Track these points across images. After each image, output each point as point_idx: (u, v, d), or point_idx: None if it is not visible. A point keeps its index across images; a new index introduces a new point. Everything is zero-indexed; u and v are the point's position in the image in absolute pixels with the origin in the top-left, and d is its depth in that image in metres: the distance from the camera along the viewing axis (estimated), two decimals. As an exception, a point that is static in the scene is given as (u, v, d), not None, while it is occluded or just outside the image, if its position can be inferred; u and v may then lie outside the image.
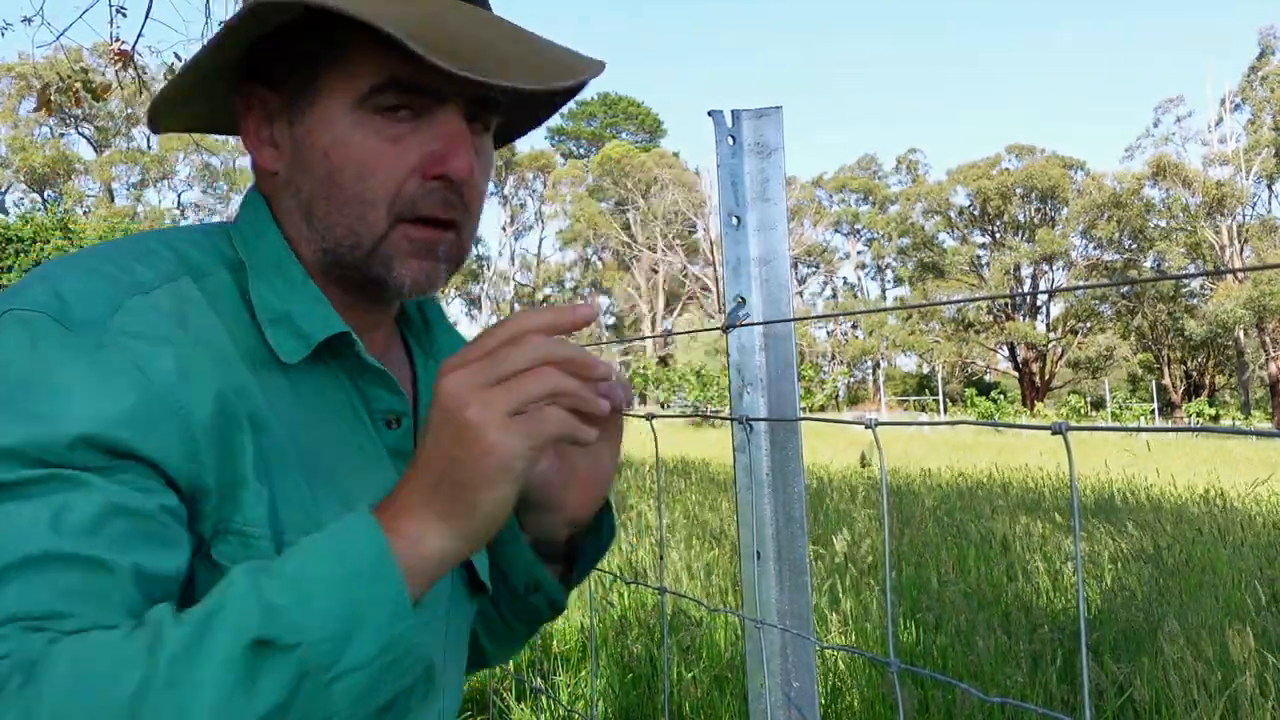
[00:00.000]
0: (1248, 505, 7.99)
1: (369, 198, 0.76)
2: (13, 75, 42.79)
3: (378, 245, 0.77)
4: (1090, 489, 9.39)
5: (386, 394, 0.81)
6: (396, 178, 0.76)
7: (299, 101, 0.77)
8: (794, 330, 1.34)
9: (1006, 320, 47.76)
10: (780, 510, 1.32)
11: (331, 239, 0.78)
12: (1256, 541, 5.92)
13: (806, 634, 1.31)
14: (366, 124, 0.75)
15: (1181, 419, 39.44)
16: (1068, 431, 0.89)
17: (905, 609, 4.31)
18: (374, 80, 0.74)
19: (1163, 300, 43.25)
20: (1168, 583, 4.74)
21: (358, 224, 0.77)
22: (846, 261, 58.36)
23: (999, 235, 49.52)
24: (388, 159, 0.75)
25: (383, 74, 0.74)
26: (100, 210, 43.18)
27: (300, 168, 0.78)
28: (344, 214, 0.77)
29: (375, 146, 0.75)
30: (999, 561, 5.43)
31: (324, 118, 0.76)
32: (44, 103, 6.01)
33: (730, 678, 3.49)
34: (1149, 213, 43.79)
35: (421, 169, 0.76)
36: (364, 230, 0.77)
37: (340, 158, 0.76)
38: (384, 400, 0.81)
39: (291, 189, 0.79)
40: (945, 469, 11.34)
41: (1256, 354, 41.03)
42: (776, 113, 1.33)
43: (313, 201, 0.78)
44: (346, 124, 0.75)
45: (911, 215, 51.72)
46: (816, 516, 7.01)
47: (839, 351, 55.57)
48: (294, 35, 0.77)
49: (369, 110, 0.75)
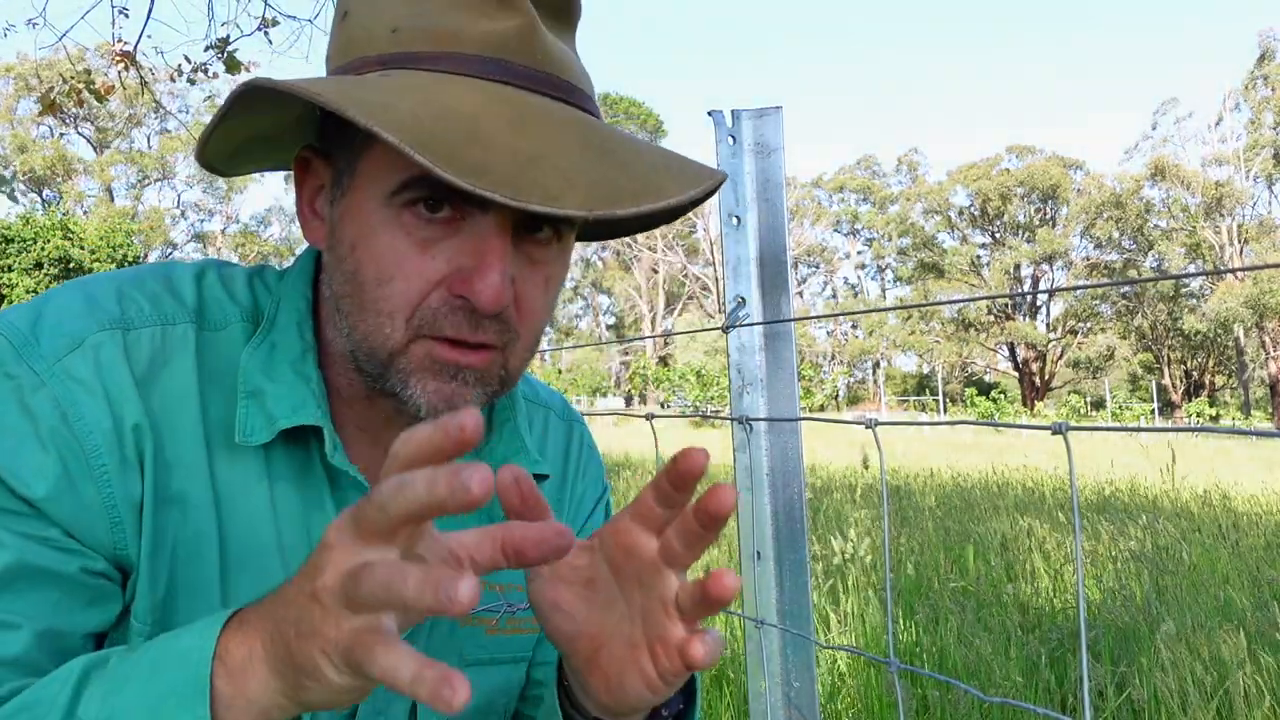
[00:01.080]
0: (1247, 505, 7.99)
1: (386, 307, 0.66)
2: (12, 76, 42.78)
3: (394, 359, 0.67)
4: (1089, 488, 9.39)
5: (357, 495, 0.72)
6: (419, 289, 0.65)
7: (341, 182, 0.69)
8: (794, 330, 1.34)
9: (1006, 320, 47.77)
10: (780, 510, 1.32)
11: (354, 338, 0.69)
12: (1255, 542, 5.92)
13: (806, 634, 1.31)
14: (395, 222, 0.65)
15: (1181, 419, 39.44)
16: (1068, 431, 0.89)
17: (905, 609, 4.31)
18: (404, 175, 0.64)
19: (1163, 300, 43.26)
20: (1166, 582, 4.74)
21: (374, 333, 0.67)
22: (846, 261, 58.38)
23: (999, 235, 49.53)
24: (411, 266, 0.65)
25: (414, 169, 0.63)
26: (100, 210, 43.20)
27: (333, 255, 0.70)
28: (363, 317, 0.67)
29: (400, 250, 0.65)
30: (998, 561, 5.44)
31: (356, 207, 0.67)
32: (47, 104, 6.02)
33: (730, 678, 3.49)
34: (1149, 213, 43.80)
35: (448, 283, 0.65)
36: (379, 340, 0.67)
37: (364, 255, 0.66)
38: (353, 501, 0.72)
39: (329, 274, 0.72)
40: (945, 469, 11.34)
41: (1256, 354, 41.03)
42: (776, 113, 1.33)
43: (340, 295, 0.69)
44: (376, 219, 0.66)
45: (911, 215, 51.72)
46: (816, 516, 7.01)
47: (839, 351, 55.57)
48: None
49: (398, 206, 0.65)
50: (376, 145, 0.66)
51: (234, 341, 0.72)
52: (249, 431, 0.69)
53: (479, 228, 0.65)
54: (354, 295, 0.67)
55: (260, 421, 0.69)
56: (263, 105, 0.68)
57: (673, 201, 0.63)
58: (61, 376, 0.65)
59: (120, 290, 0.71)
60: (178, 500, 0.68)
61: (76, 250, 27.36)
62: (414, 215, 0.65)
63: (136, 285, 0.72)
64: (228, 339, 0.72)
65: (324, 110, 0.68)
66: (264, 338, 0.72)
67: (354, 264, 0.67)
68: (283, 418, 0.69)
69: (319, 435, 0.71)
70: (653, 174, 0.64)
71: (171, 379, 0.69)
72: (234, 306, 0.74)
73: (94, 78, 6.25)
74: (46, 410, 0.64)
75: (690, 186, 0.65)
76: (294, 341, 0.72)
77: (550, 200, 0.57)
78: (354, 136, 0.67)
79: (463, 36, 0.65)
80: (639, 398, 45.76)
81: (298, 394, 0.70)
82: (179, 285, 0.73)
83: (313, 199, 0.73)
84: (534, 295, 0.69)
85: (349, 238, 0.67)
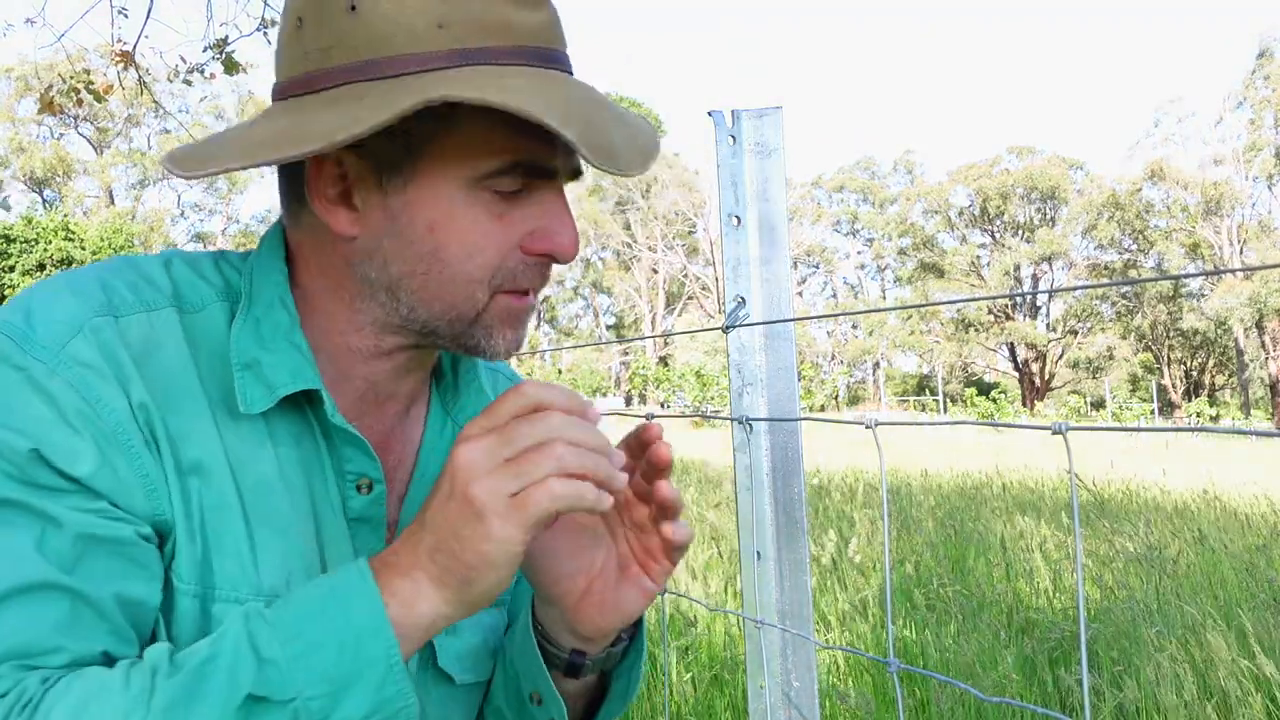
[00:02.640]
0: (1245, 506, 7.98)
1: (476, 275, 0.74)
2: (12, 77, 42.75)
3: (480, 317, 0.76)
4: (1089, 488, 9.38)
5: (359, 456, 0.78)
6: (501, 254, 0.74)
7: (394, 170, 0.73)
8: (794, 330, 1.34)
9: (1006, 320, 47.77)
10: (780, 510, 1.32)
11: (425, 311, 0.75)
12: (1253, 543, 5.92)
13: (806, 634, 1.31)
14: (478, 202, 0.73)
15: (1181, 419, 39.44)
16: (1068, 431, 0.89)
17: (904, 609, 4.31)
18: (498, 163, 0.72)
19: (1163, 300, 43.25)
20: (1165, 583, 4.74)
21: (461, 300, 0.75)
22: (846, 261, 58.39)
23: (999, 235, 49.53)
24: (495, 237, 0.74)
25: (507, 157, 0.72)
26: (101, 211, 43.19)
27: (396, 238, 0.74)
28: (445, 289, 0.74)
29: (485, 225, 0.73)
30: (998, 561, 5.44)
31: (430, 192, 0.72)
32: (46, 104, 6.02)
33: (729, 678, 3.49)
34: (1148, 213, 43.79)
35: (524, 244, 0.75)
36: (465, 304, 0.75)
37: (446, 234, 0.73)
38: (356, 463, 0.78)
39: (375, 257, 0.75)
40: (945, 469, 11.34)
41: (1256, 354, 41.03)
42: (776, 113, 1.33)
43: (405, 275, 0.74)
44: (459, 201, 0.72)
45: (911, 215, 51.72)
46: (816, 516, 7.01)
47: (839, 351, 55.57)
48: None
49: (483, 189, 0.73)
50: (457, 134, 0.71)
51: (215, 320, 0.76)
52: (249, 401, 0.73)
53: (547, 195, 0.76)
54: (432, 270, 0.74)
55: (259, 391, 0.73)
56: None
57: (652, 160, 0.75)
58: (69, 362, 0.67)
59: (101, 281, 0.73)
60: (196, 469, 0.71)
61: (78, 251, 27.38)
62: (491, 194, 0.73)
63: (115, 275, 0.74)
64: (208, 318, 0.75)
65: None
66: (247, 313, 0.76)
67: (432, 244, 0.73)
68: (282, 385, 0.74)
69: (311, 400, 0.76)
70: (642, 136, 0.76)
71: (166, 359, 0.72)
72: (208, 288, 0.77)
73: (93, 78, 6.25)
74: (66, 394, 0.66)
75: (651, 135, 0.77)
76: (281, 315, 0.76)
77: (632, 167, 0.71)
78: (416, 129, 0.71)
79: (513, 29, 0.71)
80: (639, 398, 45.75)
81: (294, 362, 0.74)
82: (152, 274, 0.76)
83: (339, 193, 0.75)
84: None
85: (425, 219, 0.73)
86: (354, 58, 0.70)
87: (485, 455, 0.64)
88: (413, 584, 0.65)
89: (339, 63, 0.70)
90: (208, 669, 0.61)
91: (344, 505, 0.78)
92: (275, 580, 0.73)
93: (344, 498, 0.78)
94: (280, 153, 0.68)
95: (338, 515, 0.78)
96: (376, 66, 0.69)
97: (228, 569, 0.72)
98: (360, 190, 0.74)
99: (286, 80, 0.74)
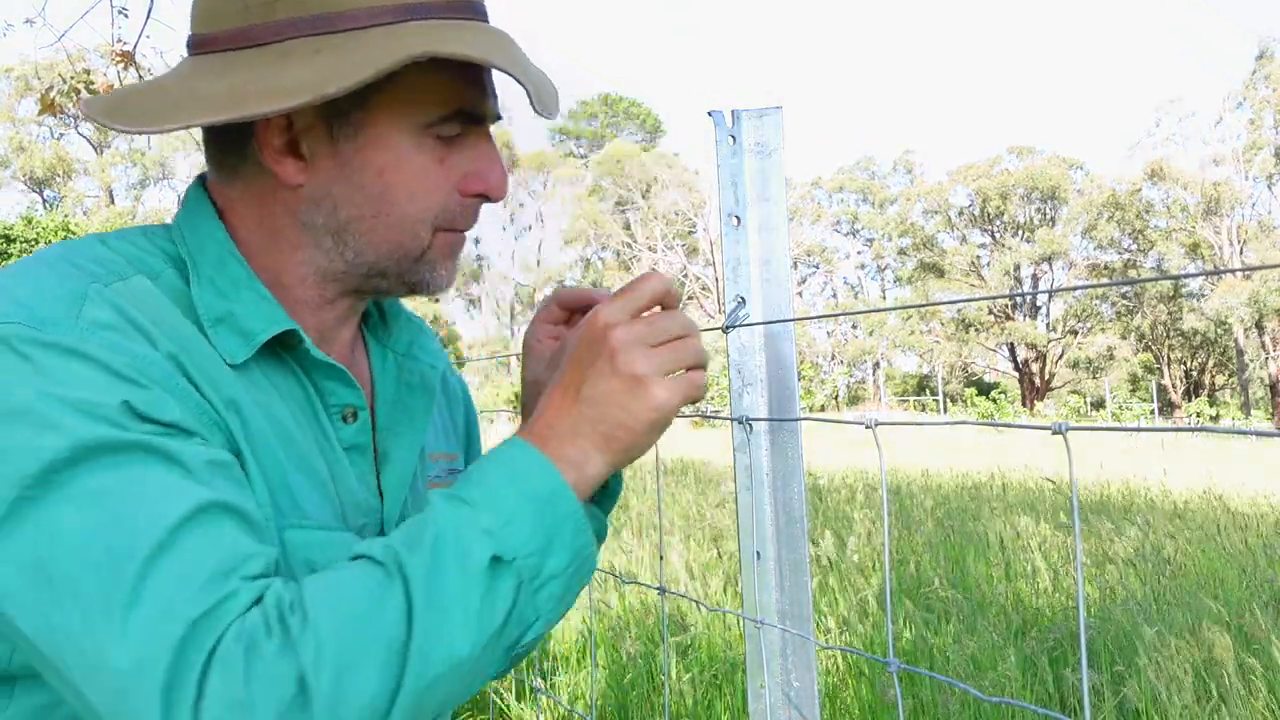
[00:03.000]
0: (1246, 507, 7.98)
1: (420, 216, 0.80)
2: (12, 77, 42.72)
3: (424, 254, 0.82)
4: (1088, 488, 9.38)
5: (342, 388, 0.82)
6: (443, 194, 0.81)
7: (344, 120, 0.77)
8: (794, 330, 1.34)
9: (1006, 320, 47.76)
10: (780, 510, 1.32)
11: (371, 253, 0.81)
12: (1254, 543, 5.92)
13: (806, 634, 1.31)
14: (424, 148, 0.79)
15: (1181, 419, 39.43)
16: (1068, 431, 0.89)
17: (904, 609, 4.31)
18: (442, 110, 0.78)
19: (1163, 300, 43.24)
20: (1165, 583, 4.74)
21: (408, 239, 0.81)
22: (846, 261, 58.38)
23: (999, 235, 49.52)
24: (438, 179, 0.80)
25: (452, 105, 0.79)
26: (100, 213, 43.17)
27: (346, 183, 0.79)
28: (392, 230, 0.80)
29: (428, 168, 0.79)
30: (998, 561, 5.44)
31: (380, 139, 0.78)
32: (47, 104, 6.02)
33: (729, 678, 3.48)
34: (1148, 213, 43.77)
35: (460, 186, 0.82)
36: (412, 243, 0.81)
37: (395, 178, 0.78)
38: (340, 395, 0.83)
39: (324, 204, 0.79)
40: (945, 469, 11.34)
41: (1256, 354, 41.02)
42: (776, 113, 1.33)
43: (354, 219, 0.80)
44: (407, 147, 0.78)
45: (911, 215, 51.70)
46: (816, 516, 7.01)
47: (839, 351, 55.56)
48: None
49: (428, 135, 0.79)
50: (401, 84, 0.75)
51: (174, 284, 0.77)
52: (231, 352, 0.75)
53: (480, 140, 0.82)
54: (381, 212, 0.79)
55: (236, 342, 0.75)
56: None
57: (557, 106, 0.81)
58: (92, 328, 0.67)
59: (66, 259, 0.73)
60: (233, 405, 0.73)
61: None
62: (434, 139, 0.79)
63: (72, 254, 0.74)
64: (167, 283, 0.76)
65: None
66: (199, 274, 0.77)
67: (382, 187, 0.78)
68: (260, 331, 0.76)
69: (284, 341, 0.79)
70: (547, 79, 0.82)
71: (165, 317, 0.73)
72: (152, 256, 0.78)
73: (93, 78, 6.25)
74: (109, 355, 0.66)
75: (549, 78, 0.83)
76: (235, 268, 0.79)
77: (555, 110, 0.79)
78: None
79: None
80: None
81: (264, 308, 0.78)
82: (99, 251, 0.76)
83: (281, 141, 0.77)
84: None
85: (375, 164, 0.78)
86: (302, 11, 0.73)
87: (638, 339, 0.73)
88: (579, 450, 0.72)
89: (284, 16, 0.73)
90: (441, 545, 0.65)
91: (337, 437, 0.82)
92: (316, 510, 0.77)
93: (335, 429, 0.82)
94: (267, 105, 0.71)
95: (334, 447, 0.82)
96: (328, 21, 0.73)
97: (279, 500, 0.75)
98: (308, 139, 0.78)
99: (217, 32, 0.76)
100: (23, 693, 0.69)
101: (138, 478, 0.62)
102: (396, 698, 0.61)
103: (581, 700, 3.57)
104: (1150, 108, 68.96)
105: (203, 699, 0.57)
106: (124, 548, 0.59)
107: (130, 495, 0.61)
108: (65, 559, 0.59)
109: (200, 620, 0.58)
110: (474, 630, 0.64)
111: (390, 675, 0.61)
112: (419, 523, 0.68)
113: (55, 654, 0.60)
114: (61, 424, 0.62)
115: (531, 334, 0.95)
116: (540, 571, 0.68)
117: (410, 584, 0.63)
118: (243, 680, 0.57)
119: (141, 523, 0.60)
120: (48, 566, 0.60)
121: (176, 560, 0.60)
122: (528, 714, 3.39)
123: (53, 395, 0.63)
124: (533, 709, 3.42)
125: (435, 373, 0.95)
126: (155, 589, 0.59)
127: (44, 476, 0.61)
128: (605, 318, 0.74)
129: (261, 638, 0.59)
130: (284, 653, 0.59)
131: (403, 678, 0.61)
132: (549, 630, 0.71)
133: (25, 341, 0.65)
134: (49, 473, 0.61)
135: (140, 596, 0.58)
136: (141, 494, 0.62)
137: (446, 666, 0.63)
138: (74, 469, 0.61)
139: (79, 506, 0.60)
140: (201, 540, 0.62)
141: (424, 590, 0.63)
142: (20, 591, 0.60)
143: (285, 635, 0.59)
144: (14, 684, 0.69)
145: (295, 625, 0.60)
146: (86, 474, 0.61)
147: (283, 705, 0.58)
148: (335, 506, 0.80)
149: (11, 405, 0.62)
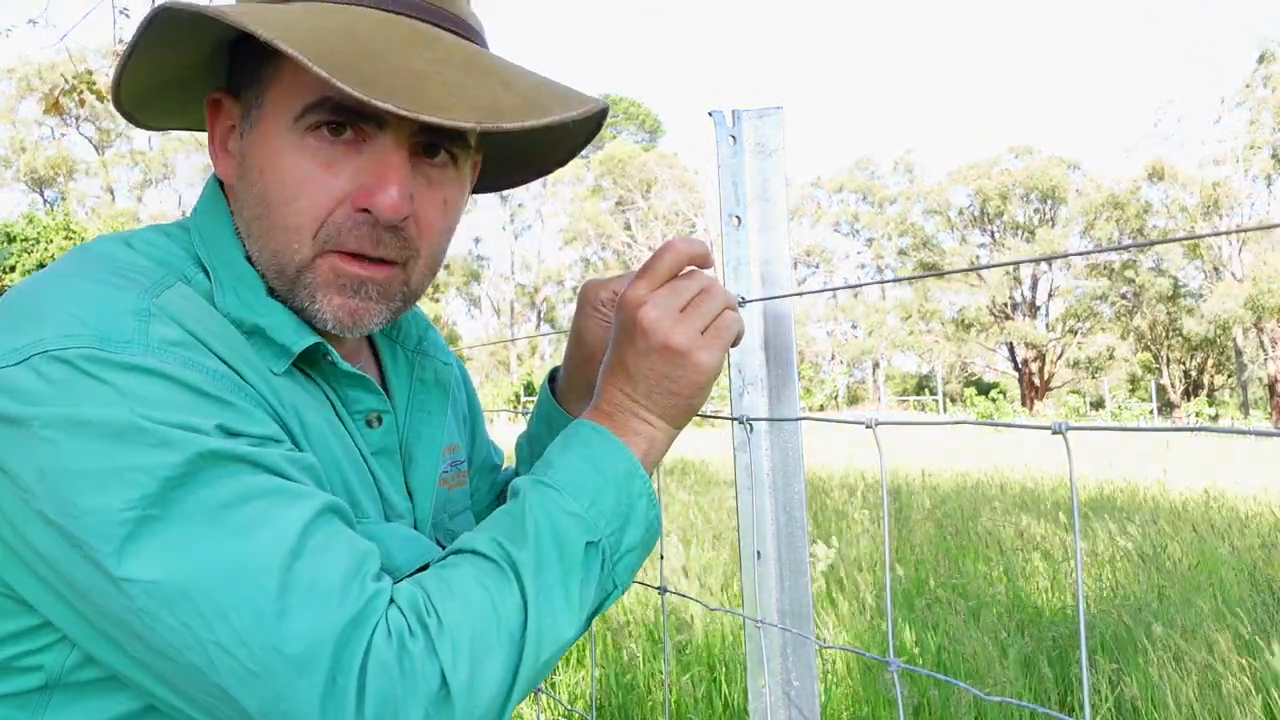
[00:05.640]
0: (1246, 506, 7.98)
1: (293, 223, 0.72)
2: (14, 77, 42.66)
3: (301, 274, 0.74)
4: (1089, 488, 9.38)
5: (366, 395, 0.82)
6: (324, 204, 0.72)
7: (249, 114, 0.75)
8: (794, 330, 1.34)
9: (1006, 320, 47.74)
10: (780, 510, 1.32)
11: (264, 258, 0.75)
12: (1252, 543, 5.92)
13: (806, 634, 1.31)
14: (300, 145, 0.71)
15: (1181, 419, 39.41)
16: (1068, 431, 0.89)
17: (903, 608, 4.31)
18: (308, 99, 0.70)
19: (1162, 300, 43.23)
20: (1164, 582, 4.74)
21: (283, 250, 0.73)
22: (846, 261, 58.34)
23: (998, 235, 49.49)
24: (316, 184, 0.71)
25: (316, 92, 0.70)
26: (102, 212, 43.15)
27: (244, 183, 0.75)
28: (272, 237, 0.74)
29: (306, 169, 0.71)
30: (997, 561, 5.43)
31: (264, 135, 0.73)
32: (51, 104, 6.02)
33: (729, 678, 3.49)
34: (1147, 213, 43.74)
35: (351, 199, 0.72)
36: (286, 256, 0.73)
37: (271, 178, 0.72)
38: (364, 401, 0.82)
39: (239, 203, 0.77)
40: (945, 469, 11.33)
41: (1255, 354, 41.01)
42: (777, 113, 1.33)
43: (251, 220, 0.75)
44: (282, 143, 0.72)
45: (911, 215, 51.67)
46: (816, 516, 7.01)
47: (839, 351, 55.53)
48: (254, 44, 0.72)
49: (302, 130, 0.71)
50: (283, 74, 0.71)
51: (206, 288, 0.75)
52: (271, 363, 0.74)
53: (379, 147, 0.72)
54: (264, 216, 0.73)
55: (273, 352, 0.74)
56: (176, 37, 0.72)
57: (554, 120, 0.68)
58: (163, 345, 0.65)
59: (112, 270, 0.70)
60: (292, 409, 0.74)
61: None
62: (318, 138, 0.71)
63: (117, 262, 0.71)
64: (201, 288, 0.75)
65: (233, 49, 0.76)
66: (221, 284, 0.75)
67: (263, 187, 0.73)
68: (293, 343, 0.74)
69: (313, 351, 0.77)
70: (536, 94, 0.70)
71: (212, 325, 0.71)
72: (183, 258, 0.76)
73: (95, 78, 6.25)
74: (187, 373, 0.65)
75: (572, 108, 0.71)
76: (253, 279, 0.76)
77: (439, 111, 0.64)
78: (261, 70, 0.73)
79: None
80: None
81: (290, 323, 0.75)
82: (136, 257, 0.73)
83: (224, 139, 0.79)
84: (433, 215, 0.77)
85: (258, 164, 0.73)
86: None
87: (665, 309, 0.76)
88: (644, 423, 0.78)
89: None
90: (540, 535, 0.70)
91: (364, 442, 0.83)
92: (370, 507, 0.79)
93: (362, 435, 0.82)
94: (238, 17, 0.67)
95: (362, 453, 0.82)
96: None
97: (340, 497, 0.75)
98: (233, 135, 0.78)
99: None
100: (58, 707, 0.67)
101: (251, 490, 0.62)
102: (515, 682, 0.66)
103: (581, 700, 3.58)
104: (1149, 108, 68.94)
105: (364, 697, 0.60)
106: (259, 561, 0.60)
107: (250, 508, 0.62)
108: (201, 576, 0.59)
109: (351, 624, 0.61)
110: (576, 612, 0.70)
111: (512, 663, 0.66)
112: (514, 514, 0.72)
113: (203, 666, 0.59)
114: (170, 440, 0.61)
115: (580, 326, 0.99)
116: (619, 546, 0.73)
117: (523, 579, 0.68)
118: (399, 678, 0.61)
119: (269, 533, 0.61)
120: (183, 584, 0.59)
121: (311, 566, 0.62)
122: (528, 713, 3.39)
123: (149, 416, 0.61)
124: (533, 708, 3.42)
125: (449, 370, 0.94)
126: (299, 597, 0.60)
127: (163, 494, 0.60)
128: (631, 297, 0.77)
129: (408, 638, 0.63)
130: (429, 652, 0.63)
131: (520, 664, 0.66)
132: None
133: (97, 363, 0.62)
134: (167, 490, 0.60)
135: (288, 605, 0.60)
136: (261, 505, 0.62)
137: (556, 648, 0.69)
138: (191, 484, 0.61)
139: (204, 522, 0.60)
140: (327, 543, 0.64)
141: (534, 583, 0.68)
142: (155, 609, 0.59)
143: (426, 635, 0.63)
144: (50, 694, 0.68)
145: (433, 626, 0.64)
146: (204, 489, 0.61)
147: (430, 700, 0.62)
148: (378, 505, 0.81)
149: (113, 427, 0.60)
